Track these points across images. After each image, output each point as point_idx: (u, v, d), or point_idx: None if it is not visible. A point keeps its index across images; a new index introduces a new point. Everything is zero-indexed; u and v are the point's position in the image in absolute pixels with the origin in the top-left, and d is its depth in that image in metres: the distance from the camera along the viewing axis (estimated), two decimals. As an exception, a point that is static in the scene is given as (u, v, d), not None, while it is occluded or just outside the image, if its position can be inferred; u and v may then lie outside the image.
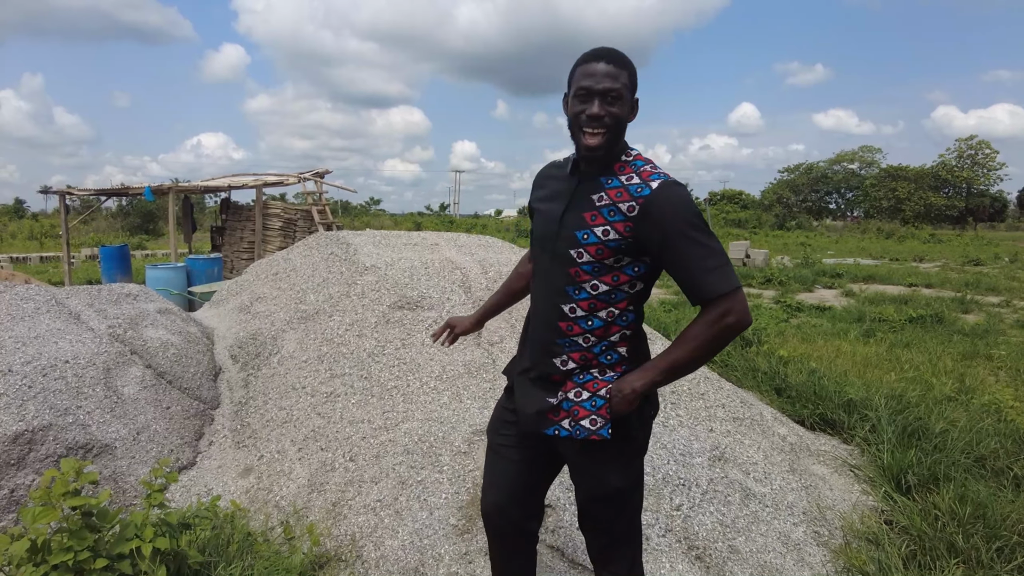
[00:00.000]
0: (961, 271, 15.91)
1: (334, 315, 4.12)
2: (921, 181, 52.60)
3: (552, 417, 1.69)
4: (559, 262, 1.63)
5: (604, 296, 1.61)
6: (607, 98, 1.53)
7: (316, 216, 11.80)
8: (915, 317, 8.25)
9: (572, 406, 1.67)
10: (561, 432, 1.68)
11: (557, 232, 1.63)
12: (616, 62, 1.55)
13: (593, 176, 1.62)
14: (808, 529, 2.86)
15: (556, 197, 1.68)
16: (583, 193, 1.62)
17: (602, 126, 1.54)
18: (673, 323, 7.53)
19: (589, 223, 1.58)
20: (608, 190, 1.58)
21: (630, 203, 1.54)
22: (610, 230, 1.56)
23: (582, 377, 1.66)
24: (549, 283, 1.66)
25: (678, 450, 3.08)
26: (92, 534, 2.01)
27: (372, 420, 3.22)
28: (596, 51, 1.58)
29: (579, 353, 1.65)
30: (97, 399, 3.21)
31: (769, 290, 12.04)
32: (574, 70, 1.59)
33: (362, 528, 2.66)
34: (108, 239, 25.26)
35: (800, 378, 4.66)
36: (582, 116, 1.55)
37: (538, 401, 1.71)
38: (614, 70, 1.54)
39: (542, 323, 1.69)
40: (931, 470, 3.27)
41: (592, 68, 1.55)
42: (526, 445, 1.82)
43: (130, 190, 12.65)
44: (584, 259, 1.59)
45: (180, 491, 3.11)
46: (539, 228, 1.71)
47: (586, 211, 1.60)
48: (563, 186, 1.68)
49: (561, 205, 1.65)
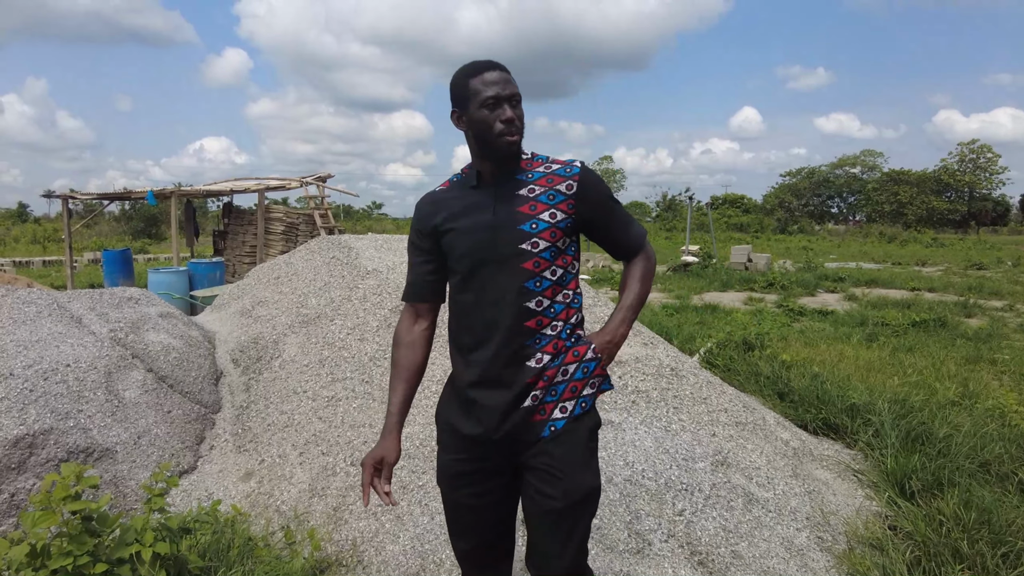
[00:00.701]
0: (964, 275, 15.88)
1: (335, 319, 4.12)
2: (923, 185, 52.59)
3: (539, 418, 1.64)
4: (508, 264, 1.60)
5: (560, 280, 1.65)
6: (513, 101, 1.59)
7: (318, 220, 11.81)
8: (918, 321, 8.23)
9: (563, 389, 1.64)
10: (558, 424, 1.64)
11: (493, 238, 1.61)
12: (505, 69, 1.62)
13: (506, 179, 1.65)
14: (811, 534, 2.85)
15: (471, 211, 1.64)
16: (504, 195, 1.63)
17: (516, 129, 1.59)
18: (675, 327, 7.52)
19: (532, 213, 1.61)
20: (535, 181, 1.64)
21: (567, 182, 1.64)
22: (556, 212, 1.62)
23: (554, 362, 1.64)
24: (499, 291, 1.61)
25: (680, 455, 3.06)
26: (92, 538, 2.00)
27: (373, 424, 3.21)
28: (483, 62, 1.62)
29: (551, 343, 1.64)
30: (98, 403, 3.21)
31: (771, 294, 12.02)
32: (466, 84, 1.60)
33: (363, 533, 2.65)
34: (111, 243, 25.31)
35: (803, 382, 4.64)
36: (497, 123, 1.57)
37: (517, 413, 1.63)
38: (508, 76, 1.61)
39: (503, 334, 1.61)
40: (935, 475, 3.25)
41: (491, 77, 1.58)
42: (489, 488, 1.71)
43: (132, 194, 12.67)
44: (541, 247, 1.60)
45: (181, 495, 3.10)
46: (464, 245, 1.63)
47: (520, 205, 1.62)
48: (473, 199, 1.66)
49: (485, 213, 1.63)
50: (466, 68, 1.63)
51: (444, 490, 1.77)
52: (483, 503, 1.72)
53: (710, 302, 10.43)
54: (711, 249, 18.52)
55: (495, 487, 1.72)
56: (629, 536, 2.60)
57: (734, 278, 13.92)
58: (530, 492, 1.66)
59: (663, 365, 3.75)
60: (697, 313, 9.24)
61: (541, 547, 1.67)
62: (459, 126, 1.66)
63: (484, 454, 1.69)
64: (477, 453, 1.69)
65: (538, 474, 1.64)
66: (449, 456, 1.75)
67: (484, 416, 1.64)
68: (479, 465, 1.70)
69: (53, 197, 13.55)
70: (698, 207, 31.66)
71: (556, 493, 1.62)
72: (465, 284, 1.66)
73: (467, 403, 1.68)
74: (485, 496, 1.72)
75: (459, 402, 1.71)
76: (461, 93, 1.62)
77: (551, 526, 1.64)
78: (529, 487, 1.67)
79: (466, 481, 1.71)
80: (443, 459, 1.77)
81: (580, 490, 1.64)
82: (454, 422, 1.72)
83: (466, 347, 1.68)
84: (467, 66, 1.63)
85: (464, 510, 1.74)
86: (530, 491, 1.66)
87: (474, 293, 1.64)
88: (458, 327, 1.71)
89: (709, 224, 22.44)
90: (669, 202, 57.22)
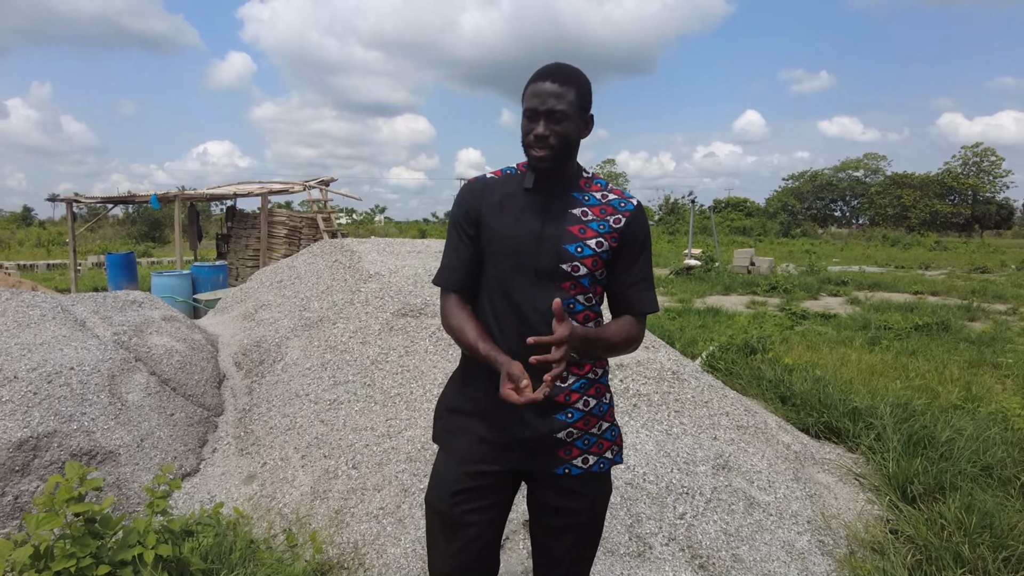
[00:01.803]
0: (967, 279, 15.85)
1: (338, 322, 4.13)
2: (927, 188, 52.50)
3: (563, 455, 1.62)
4: (546, 279, 1.57)
5: (591, 307, 1.63)
6: (552, 117, 1.52)
7: (321, 224, 11.85)
8: (921, 325, 8.22)
9: (594, 441, 1.64)
10: (573, 471, 1.62)
11: (537, 248, 1.56)
12: (563, 80, 1.53)
13: (561, 192, 1.61)
14: (812, 538, 2.84)
15: (521, 212, 1.59)
16: (558, 208, 1.59)
17: (546, 146, 1.53)
18: (678, 331, 7.52)
19: (580, 236, 1.58)
20: (590, 206, 1.61)
21: (617, 216, 1.61)
22: (603, 242, 1.60)
23: (582, 386, 1.62)
24: (532, 304, 1.56)
25: (682, 458, 3.06)
26: (95, 541, 2.01)
27: (375, 427, 3.22)
28: (545, 69, 1.56)
29: (577, 364, 1.62)
30: (101, 406, 3.23)
31: (774, 298, 12.01)
32: (525, 89, 1.57)
33: (364, 536, 2.66)
34: (115, 246, 25.40)
35: (805, 386, 4.64)
36: (529, 136, 1.55)
37: (546, 439, 1.59)
38: (559, 89, 1.52)
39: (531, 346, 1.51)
40: (937, 479, 3.25)
41: (539, 88, 1.53)
42: (494, 502, 1.66)
43: (136, 198, 12.73)
44: (581, 272, 1.57)
45: (184, 498, 3.11)
46: (506, 245, 1.58)
47: (571, 225, 1.58)
48: (525, 201, 1.60)
49: (534, 220, 1.58)
50: (535, 71, 1.58)
51: (443, 507, 1.66)
52: (483, 519, 1.65)
53: (712, 305, 10.42)
54: (714, 252, 18.52)
55: (497, 501, 1.67)
56: (630, 539, 2.60)
57: (737, 281, 13.91)
58: (546, 508, 1.66)
59: (664, 368, 3.75)
60: (699, 316, 9.24)
61: (563, 561, 1.68)
62: None
63: (497, 459, 1.62)
64: (491, 457, 1.62)
65: (559, 491, 1.64)
66: (455, 468, 1.65)
67: (512, 420, 1.59)
68: (486, 476, 1.63)
69: (57, 201, 13.59)
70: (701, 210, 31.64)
71: (579, 507, 1.64)
72: (501, 286, 1.60)
73: (491, 412, 1.61)
74: (487, 511, 1.65)
75: (480, 410, 1.64)
76: (521, 97, 1.59)
77: (575, 540, 1.66)
78: (543, 503, 1.66)
79: (468, 496, 1.63)
80: (447, 471, 1.67)
81: (600, 504, 1.68)
82: (471, 425, 1.65)
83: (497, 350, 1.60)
84: (538, 69, 1.58)
85: (461, 528, 1.65)
86: (545, 507, 1.66)
87: (506, 299, 1.59)
88: (490, 329, 1.61)
89: (712, 227, 22.45)
90: (672, 205, 57.22)
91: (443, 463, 1.70)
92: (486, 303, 1.63)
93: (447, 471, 1.67)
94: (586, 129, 1.61)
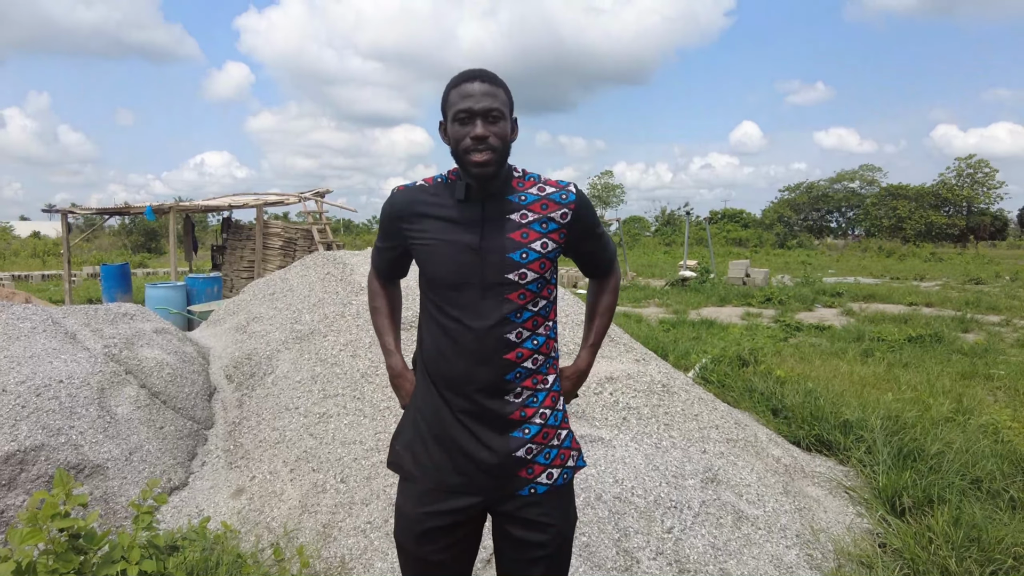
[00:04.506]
0: (962, 290, 15.90)
1: (328, 335, 4.14)
2: (922, 200, 52.72)
3: (526, 475, 1.57)
4: (492, 292, 1.51)
5: (542, 311, 1.58)
6: (489, 117, 1.46)
7: (316, 235, 11.86)
8: (914, 336, 8.24)
9: (555, 454, 1.61)
10: (539, 488, 1.58)
11: (479, 262, 1.50)
12: (491, 81, 1.49)
13: (494, 198, 1.54)
14: (801, 552, 2.84)
15: (456, 227, 1.53)
16: (493, 217, 1.53)
17: (488, 147, 1.46)
18: (671, 342, 7.53)
19: (523, 241, 1.52)
20: (528, 205, 1.55)
21: (562, 210, 1.57)
22: (548, 241, 1.55)
23: (535, 400, 1.58)
24: (479, 319, 1.51)
25: (670, 472, 3.06)
26: (78, 556, 2.00)
27: (364, 441, 3.22)
28: (468, 72, 1.50)
29: (530, 377, 1.56)
30: (90, 419, 3.22)
31: (769, 309, 12.03)
32: (447, 95, 1.51)
33: (352, 550, 2.65)
34: (110, 257, 25.37)
35: (796, 399, 4.65)
36: (466, 140, 1.46)
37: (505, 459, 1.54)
38: (491, 88, 1.47)
39: (481, 364, 1.51)
40: (926, 492, 3.26)
41: (468, 89, 1.46)
42: (459, 538, 1.61)
43: (132, 209, 12.73)
44: (529, 278, 1.52)
45: (172, 512, 3.10)
46: (445, 264, 1.52)
47: (511, 232, 1.52)
48: (458, 213, 1.53)
49: (471, 233, 1.51)
50: (455, 76, 1.52)
51: (409, 548, 1.60)
52: (449, 556, 1.60)
53: (707, 317, 10.44)
54: (709, 264, 18.56)
55: (463, 537, 1.61)
56: (617, 554, 2.59)
57: (732, 293, 13.94)
58: (512, 542, 1.60)
59: (654, 381, 3.76)
60: (694, 328, 9.25)
61: None
62: (444, 139, 1.55)
63: (455, 488, 1.56)
64: (449, 486, 1.57)
65: (525, 524, 1.58)
66: (416, 507, 1.59)
67: (469, 448, 1.54)
68: (450, 514, 1.57)
69: (53, 212, 13.59)
70: (697, 222, 31.73)
71: (546, 540, 1.58)
72: (442, 305, 1.55)
73: (445, 435, 1.56)
74: (453, 548, 1.60)
75: (434, 434, 1.58)
76: (443, 104, 1.53)
77: (544, 572, 1.60)
78: (509, 537, 1.60)
79: (433, 536, 1.57)
80: (409, 512, 1.60)
81: (567, 531, 1.63)
82: (427, 451, 1.59)
83: (442, 374, 1.56)
84: (458, 74, 1.52)
85: (431, 567, 1.60)
86: (511, 541, 1.60)
87: (451, 318, 1.53)
88: (434, 351, 1.57)
89: (708, 239, 22.50)
90: (668, 217, 57.38)
91: (404, 501, 1.63)
92: (433, 324, 1.58)
93: (409, 511, 1.60)
94: (514, 133, 1.56)
